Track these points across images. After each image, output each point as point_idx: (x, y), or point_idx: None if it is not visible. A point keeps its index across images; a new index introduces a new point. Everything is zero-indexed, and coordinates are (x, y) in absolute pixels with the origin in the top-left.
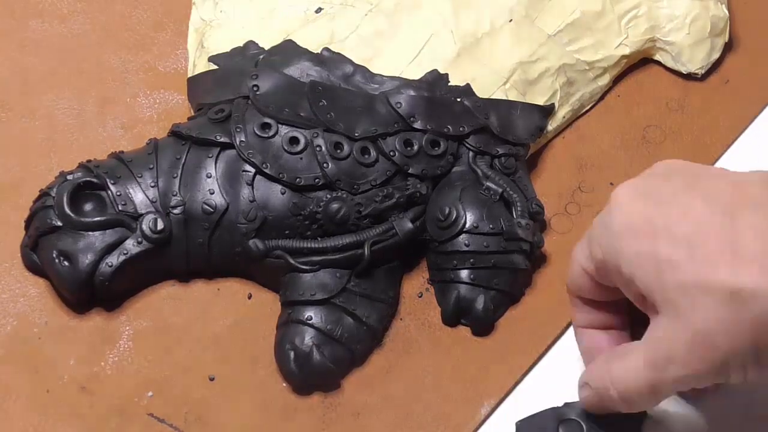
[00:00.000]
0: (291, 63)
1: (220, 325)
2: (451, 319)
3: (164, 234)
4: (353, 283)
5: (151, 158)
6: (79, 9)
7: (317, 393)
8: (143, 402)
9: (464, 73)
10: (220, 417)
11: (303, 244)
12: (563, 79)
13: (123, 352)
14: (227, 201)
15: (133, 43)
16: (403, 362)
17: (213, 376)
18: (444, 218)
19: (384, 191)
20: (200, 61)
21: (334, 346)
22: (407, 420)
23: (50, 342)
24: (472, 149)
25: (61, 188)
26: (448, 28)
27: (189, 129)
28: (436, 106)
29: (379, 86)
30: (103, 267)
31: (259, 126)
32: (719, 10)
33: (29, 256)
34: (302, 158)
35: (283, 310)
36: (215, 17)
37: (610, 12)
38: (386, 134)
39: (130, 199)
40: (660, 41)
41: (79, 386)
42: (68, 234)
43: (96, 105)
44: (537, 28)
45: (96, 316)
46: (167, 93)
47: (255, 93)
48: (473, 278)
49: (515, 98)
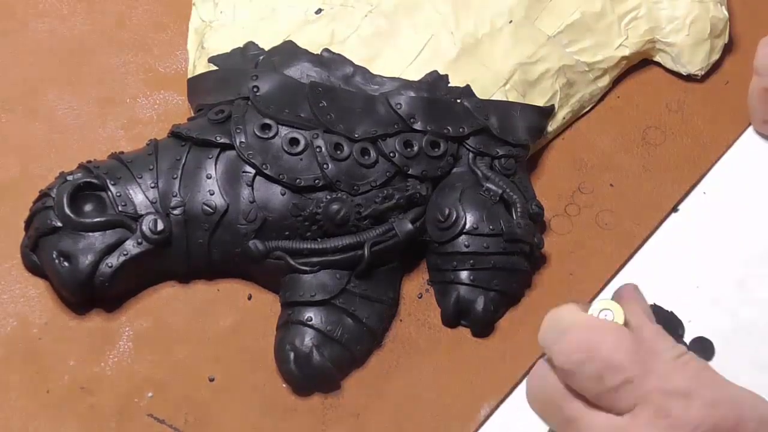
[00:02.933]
0: (291, 64)
1: (220, 325)
2: (450, 319)
3: (164, 235)
4: (353, 284)
5: (151, 159)
6: (79, 10)
7: (317, 393)
8: (143, 402)
9: (464, 74)
10: (220, 417)
11: (303, 245)
12: (563, 80)
13: (123, 352)
14: (227, 202)
15: (133, 43)
16: (402, 363)
17: (213, 376)
18: (444, 219)
19: (384, 192)
20: (200, 62)
21: (334, 347)
22: (407, 420)
23: (50, 342)
24: (472, 150)
25: (61, 189)
26: (448, 29)
27: (189, 130)
28: (436, 107)
29: (379, 87)
30: (103, 267)
31: (259, 127)
32: (719, 11)
33: (29, 257)
34: (302, 159)
35: (283, 311)
36: (215, 18)
37: (610, 13)
38: (386, 135)
39: (130, 200)
40: (660, 42)
41: (79, 386)
42: (68, 235)
43: (96, 105)
44: (537, 29)
45: (96, 316)
46: (167, 94)
47: (255, 94)
48: (473, 279)
49: (515, 99)
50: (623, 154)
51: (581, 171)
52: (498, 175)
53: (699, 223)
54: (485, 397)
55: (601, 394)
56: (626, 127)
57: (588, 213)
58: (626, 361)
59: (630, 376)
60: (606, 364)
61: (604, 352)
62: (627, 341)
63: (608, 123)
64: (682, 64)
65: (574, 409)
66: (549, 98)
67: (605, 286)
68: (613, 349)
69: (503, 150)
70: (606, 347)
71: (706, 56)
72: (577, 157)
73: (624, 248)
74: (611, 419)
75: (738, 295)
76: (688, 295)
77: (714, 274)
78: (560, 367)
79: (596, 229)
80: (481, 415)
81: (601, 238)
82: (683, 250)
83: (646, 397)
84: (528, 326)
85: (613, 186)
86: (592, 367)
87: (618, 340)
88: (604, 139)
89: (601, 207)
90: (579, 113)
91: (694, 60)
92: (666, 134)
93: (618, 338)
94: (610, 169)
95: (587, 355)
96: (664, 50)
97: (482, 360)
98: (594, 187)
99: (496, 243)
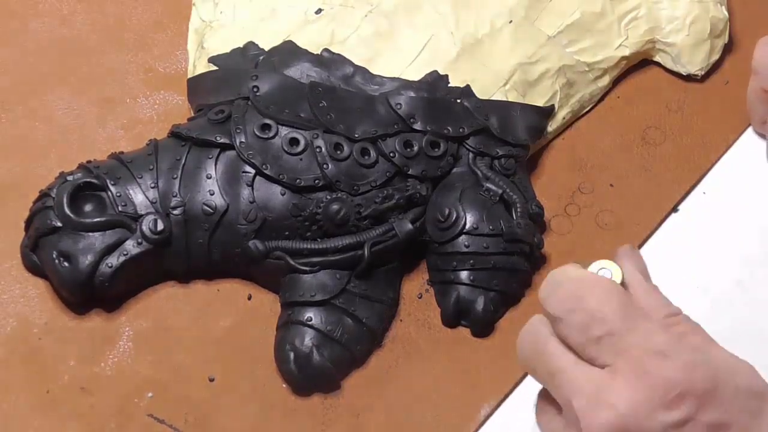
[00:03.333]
0: (291, 64)
1: (220, 325)
2: (450, 320)
3: (164, 235)
4: (353, 284)
5: (151, 159)
6: (79, 10)
7: (317, 394)
8: (143, 403)
9: (464, 74)
10: (220, 418)
11: (303, 245)
12: (563, 81)
13: (123, 352)
14: (227, 202)
15: (133, 43)
16: (402, 363)
17: (213, 376)
18: (444, 219)
19: (384, 192)
20: (200, 62)
21: (334, 347)
22: (407, 421)
23: (50, 342)
24: (472, 150)
25: (61, 189)
26: (448, 29)
27: (189, 130)
28: (436, 107)
29: (379, 87)
30: (103, 268)
31: (259, 127)
32: (719, 11)
33: (29, 257)
34: (302, 159)
35: (283, 311)
36: (215, 18)
37: (609, 13)
38: (386, 135)
39: (130, 200)
40: (660, 42)
41: (79, 386)
42: (68, 235)
43: (96, 105)
44: (537, 29)
45: (96, 316)
46: (167, 94)
47: (255, 94)
48: (473, 279)
49: (515, 99)
50: (623, 154)
51: (581, 171)
52: (498, 175)
53: (699, 223)
54: (485, 397)
55: (585, 344)
56: (626, 127)
57: (588, 213)
58: (611, 314)
59: (613, 329)
60: (591, 314)
61: (592, 303)
62: (616, 297)
63: (608, 123)
64: (682, 64)
65: (559, 361)
66: (549, 98)
67: None
68: (601, 302)
69: (503, 150)
70: (594, 299)
71: (706, 56)
72: (577, 157)
73: None
74: (591, 372)
75: (738, 295)
76: (688, 295)
77: (714, 274)
78: (551, 314)
79: (596, 229)
80: (481, 415)
81: (601, 238)
82: (683, 250)
83: (627, 352)
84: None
85: (613, 186)
86: (579, 316)
87: (607, 294)
88: (604, 139)
89: (601, 207)
90: (579, 113)
91: (694, 60)
92: (666, 134)
93: (607, 292)
94: (610, 169)
95: (576, 305)
96: (664, 50)
97: (482, 360)
98: (594, 187)
99: (496, 243)
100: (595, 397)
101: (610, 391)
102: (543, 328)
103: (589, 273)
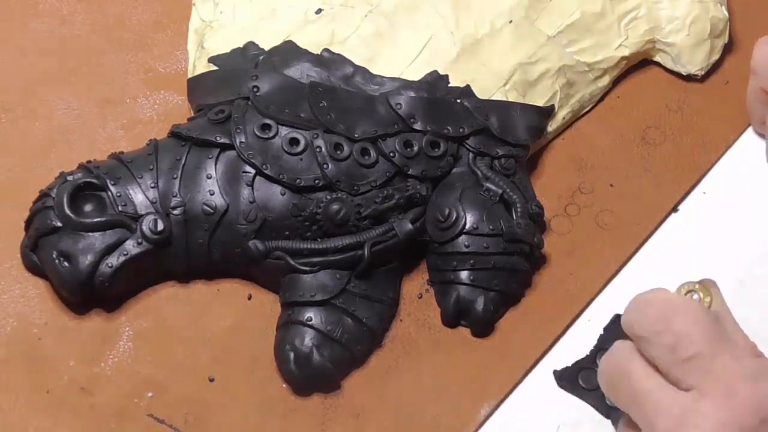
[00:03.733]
0: (291, 64)
1: (220, 325)
2: (450, 320)
3: (164, 235)
4: (353, 284)
5: (151, 159)
6: (79, 10)
7: (317, 394)
8: (143, 402)
9: (464, 74)
10: (220, 418)
11: (303, 245)
12: (563, 81)
13: (123, 352)
14: (227, 202)
15: (133, 43)
16: (402, 363)
17: (213, 376)
18: (444, 219)
19: (384, 192)
20: (200, 62)
21: (334, 347)
22: (407, 420)
23: (50, 342)
24: (472, 150)
25: (61, 189)
26: (448, 29)
27: (189, 130)
28: (436, 107)
29: (379, 87)
30: (103, 268)
31: (259, 127)
32: (719, 11)
33: (29, 257)
34: (302, 159)
35: (283, 311)
36: (215, 18)
37: (609, 13)
38: (386, 135)
39: (130, 200)
40: (660, 42)
41: (79, 386)
42: (68, 235)
43: (96, 105)
44: (537, 29)
45: (96, 316)
46: (167, 94)
47: (255, 94)
48: (473, 279)
49: (515, 99)
50: (623, 154)
51: (581, 171)
52: (498, 175)
53: (699, 223)
54: (485, 397)
55: (671, 365)
56: (626, 127)
57: (588, 213)
58: (700, 336)
59: (701, 351)
60: (680, 336)
61: (681, 325)
62: (705, 320)
63: (608, 123)
64: (682, 64)
65: (644, 383)
66: (549, 98)
67: (605, 286)
68: (689, 324)
69: (503, 150)
70: (683, 321)
71: (706, 56)
72: (577, 157)
73: (624, 248)
74: (676, 394)
75: (738, 295)
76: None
77: (714, 274)
78: (638, 335)
79: (596, 229)
80: (481, 415)
81: (601, 238)
82: (683, 250)
83: (715, 374)
84: (528, 326)
85: (613, 186)
86: (667, 337)
87: (696, 317)
88: (604, 139)
89: (601, 207)
90: (579, 113)
91: (694, 60)
92: (666, 134)
93: (696, 315)
94: (610, 169)
95: (665, 327)
96: (664, 50)
97: (482, 360)
98: (594, 187)
99: (496, 243)
100: (681, 418)
101: (696, 413)
102: (627, 353)
103: (677, 296)
